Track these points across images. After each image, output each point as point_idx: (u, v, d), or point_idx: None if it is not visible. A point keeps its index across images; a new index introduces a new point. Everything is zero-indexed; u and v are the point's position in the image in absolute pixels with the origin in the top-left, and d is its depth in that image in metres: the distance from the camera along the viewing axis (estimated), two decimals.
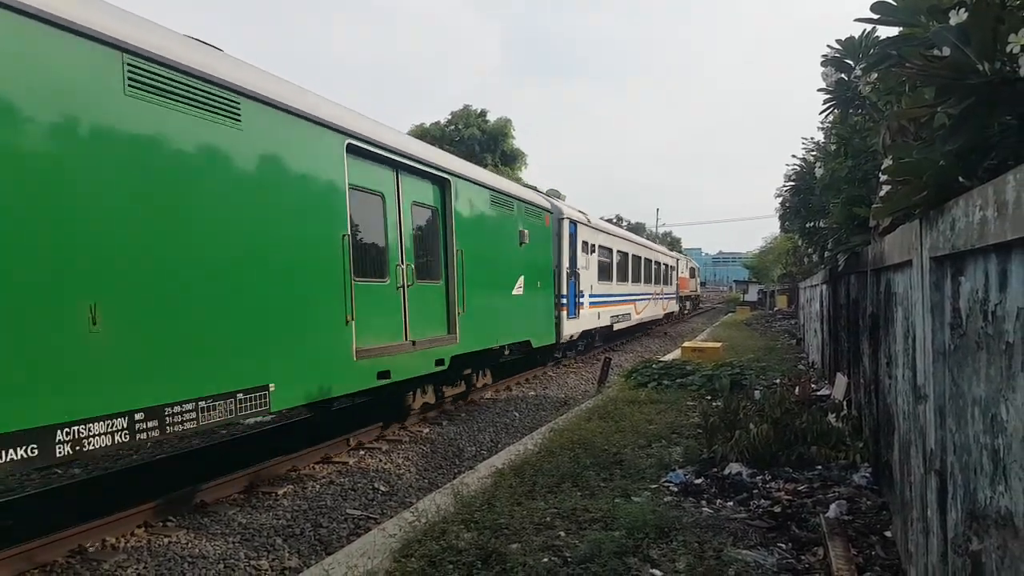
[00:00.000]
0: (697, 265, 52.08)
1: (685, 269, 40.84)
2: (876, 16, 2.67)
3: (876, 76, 3.59)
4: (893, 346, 3.77)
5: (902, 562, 3.57)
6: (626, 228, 27.33)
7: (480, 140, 36.67)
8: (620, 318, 20.83)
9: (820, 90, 4.70)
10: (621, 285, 21.10)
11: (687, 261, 43.50)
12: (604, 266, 18.89)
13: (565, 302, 14.79)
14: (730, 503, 4.90)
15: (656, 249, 29.89)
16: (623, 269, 21.52)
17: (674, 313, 34.65)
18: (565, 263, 14.92)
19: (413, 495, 6.35)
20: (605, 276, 19.00)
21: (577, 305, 15.86)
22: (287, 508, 5.92)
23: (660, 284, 29.19)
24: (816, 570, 3.70)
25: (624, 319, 21.39)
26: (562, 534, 4.24)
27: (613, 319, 19.86)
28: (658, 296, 28.59)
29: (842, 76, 4.39)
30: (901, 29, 2.75)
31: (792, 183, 8.50)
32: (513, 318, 11.90)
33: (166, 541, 5.13)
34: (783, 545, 4.05)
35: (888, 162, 2.95)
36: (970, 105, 2.06)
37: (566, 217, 15.07)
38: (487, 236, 10.87)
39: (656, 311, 28.06)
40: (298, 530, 5.44)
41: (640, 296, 24.27)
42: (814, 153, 7.60)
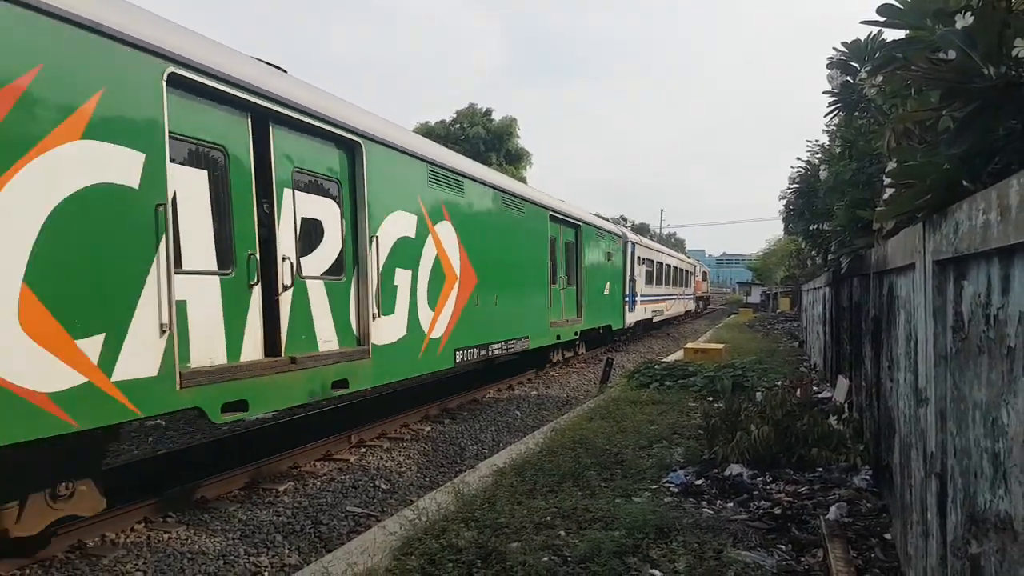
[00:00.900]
0: (708, 269, 59.05)
1: (699, 273, 46.31)
2: (882, 19, 2.67)
3: (881, 79, 3.59)
4: (895, 349, 3.77)
5: (901, 565, 3.57)
6: (630, 228, 30.98)
7: (485, 139, 36.64)
8: (657, 313, 27.03)
9: (825, 92, 4.69)
10: (658, 288, 27.12)
11: (700, 266, 49.18)
12: (648, 273, 24.86)
13: (627, 300, 20.60)
14: (730, 504, 4.90)
15: (679, 258, 35.74)
16: (659, 275, 27.56)
17: (691, 310, 40.29)
18: (628, 273, 20.74)
19: (414, 493, 6.35)
20: (648, 281, 25.03)
21: (634, 302, 21.72)
22: (288, 505, 5.93)
23: (682, 287, 35.01)
24: (816, 572, 3.70)
25: (659, 314, 27.61)
26: (562, 533, 4.24)
27: (653, 312, 26.03)
28: (681, 296, 34.44)
29: (847, 79, 4.39)
30: (907, 32, 2.74)
31: (796, 185, 8.49)
32: (605, 309, 17.73)
33: (166, 537, 5.14)
34: (783, 547, 4.05)
35: (892, 165, 2.95)
36: (975, 109, 2.06)
37: (630, 240, 21.30)
38: (600, 257, 17.42)
39: (679, 308, 34.03)
40: (298, 527, 5.45)
41: (670, 296, 30.38)
42: (818, 155, 7.59)
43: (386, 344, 7.59)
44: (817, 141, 7.87)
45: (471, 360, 9.93)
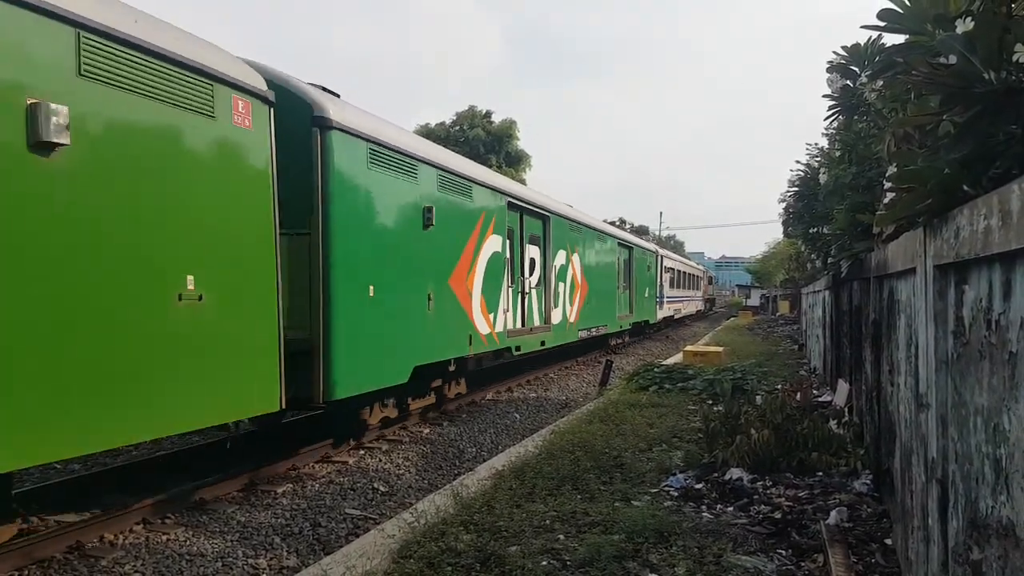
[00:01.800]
0: (713, 274, 68.92)
1: (706, 278, 53.07)
2: (882, 23, 2.67)
3: (882, 83, 3.59)
4: (895, 353, 3.76)
5: (902, 570, 3.56)
6: (629, 231, 33.99)
7: (485, 141, 36.69)
8: (676, 311, 33.66)
9: (825, 96, 4.70)
10: (677, 291, 33.54)
11: (706, 272, 55.92)
12: (670, 280, 31.22)
13: (659, 300, 27.25)
14: (730, 508, 4.89)
15: (691, 265, 42.78)
16: (677, 281, 34.10)
17: (701, 310, 46.96)
18: (658, 279, 27.29)
19: (412, 496, 6.34)
20: (671, 285, 31.34)
21: (662, 303, 28.39)
22: (286, 507, 5.92)
23: (693, 290, 41.39)
24: None
25: (678, 312, 34.40)
26: (561, 537, 4.23)
27: (674, 311, 32.59)
28: (693, 298, 40.96)
29: (847, 83, 4.39)
30: (907, 37, 2.74)
31: (796, 189, 8.49)
32: (645, 308, 24.29)
33: (164, 538, 5.13)
34: (783, 551, 4.04)
35: (892, 169, 2.95)
36: (975, 113, 2.06)
37: (660, 254, 28.38)
38: (643, 269, 23.88)
39: (692, 308, 40.88)
40: (297, 529, 5.44)
41: (685, 298, 36.99)
42: (818, 159, 7.59)
43: (555, 324, 14.01)
44: (817, 144, 7.88)
45: (584, 337, 16.54)
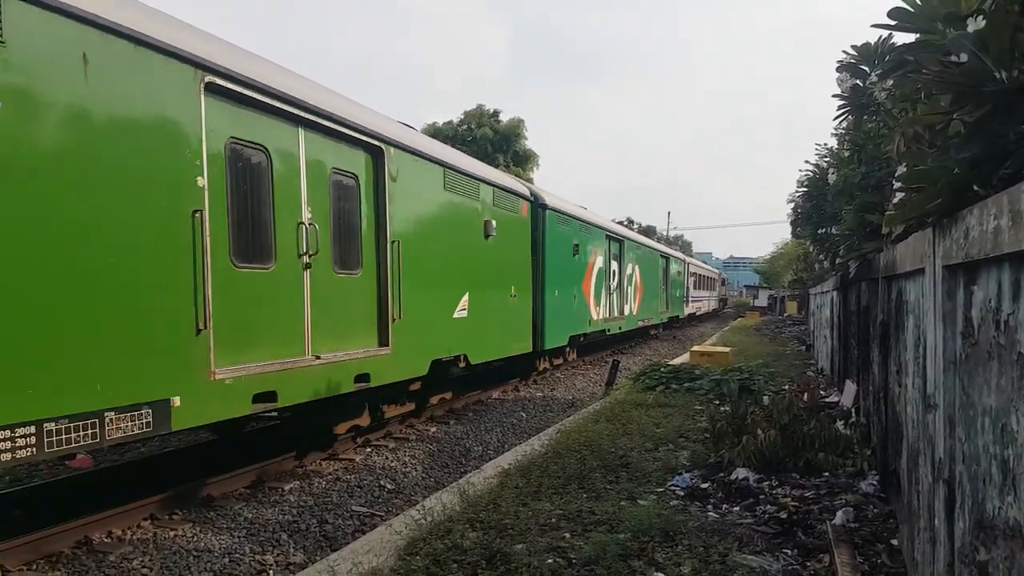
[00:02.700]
0: (726, 276, 76.60)
1: (719, 280, 58.68)
2: (892, 22, 2.66)
3: (891, 82, 3.58)
4: (903, 354, 3.75)
5: (908, 571, 3.55)
6: (637, 231, 35.83)
7: (492, 140, 36.67)
8: (698, 308, 40.40)
9: (835, 96, 4.68)
10: (698, 291, 40.11)
11: (720, 274, 61.78)
12: (693, 282, 37.49)
13: (686, 299, 33.95)
14: (736, 508, 4.88)
15: (709, 269, 49.71)
16: (699, 283, 40.70)
17: (715, 308, 52.70)
18: (686, 283, 33.69)
19: (419, 493, 6.36)
20: (693, 286, 37.49)
21: (688, 301, 34.98)
22: (293, 504, 5.95)
23: (710, 291, 48.00)
24: None
25: (699, 309, 41.28)
26: (567, 536, 4.24)
27: (696, 308, 39.38)
28: (710, 298, 47.38)
29: (857, 82, 4.38)
30: (918, 35, 2.73)
31: (805, 189, 8.45)
32: (677, 305, 30.91)
33: (172, 534, 5.16)
34: (789, 551, 4.04)
35: (902, 169, 2.94)
36: (986, 113, 2.05)
37: (688, 262, 35.02)
38: (675, 273, 29.85)
39: (709, 306, 47.14)
40: (304, 526, 5.46)
41: (704, 297, 43.76)
42: (827, 159, 7.56)
43: (627, 316, 19.80)
44: (826, 144, 7.84)
45: (640, 326, 22.52)
